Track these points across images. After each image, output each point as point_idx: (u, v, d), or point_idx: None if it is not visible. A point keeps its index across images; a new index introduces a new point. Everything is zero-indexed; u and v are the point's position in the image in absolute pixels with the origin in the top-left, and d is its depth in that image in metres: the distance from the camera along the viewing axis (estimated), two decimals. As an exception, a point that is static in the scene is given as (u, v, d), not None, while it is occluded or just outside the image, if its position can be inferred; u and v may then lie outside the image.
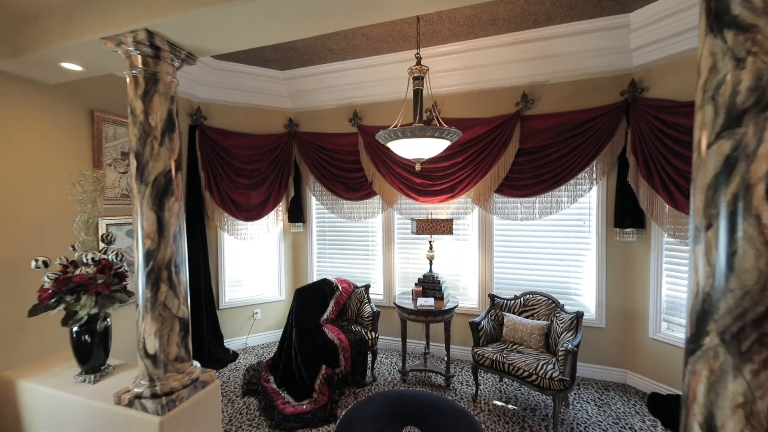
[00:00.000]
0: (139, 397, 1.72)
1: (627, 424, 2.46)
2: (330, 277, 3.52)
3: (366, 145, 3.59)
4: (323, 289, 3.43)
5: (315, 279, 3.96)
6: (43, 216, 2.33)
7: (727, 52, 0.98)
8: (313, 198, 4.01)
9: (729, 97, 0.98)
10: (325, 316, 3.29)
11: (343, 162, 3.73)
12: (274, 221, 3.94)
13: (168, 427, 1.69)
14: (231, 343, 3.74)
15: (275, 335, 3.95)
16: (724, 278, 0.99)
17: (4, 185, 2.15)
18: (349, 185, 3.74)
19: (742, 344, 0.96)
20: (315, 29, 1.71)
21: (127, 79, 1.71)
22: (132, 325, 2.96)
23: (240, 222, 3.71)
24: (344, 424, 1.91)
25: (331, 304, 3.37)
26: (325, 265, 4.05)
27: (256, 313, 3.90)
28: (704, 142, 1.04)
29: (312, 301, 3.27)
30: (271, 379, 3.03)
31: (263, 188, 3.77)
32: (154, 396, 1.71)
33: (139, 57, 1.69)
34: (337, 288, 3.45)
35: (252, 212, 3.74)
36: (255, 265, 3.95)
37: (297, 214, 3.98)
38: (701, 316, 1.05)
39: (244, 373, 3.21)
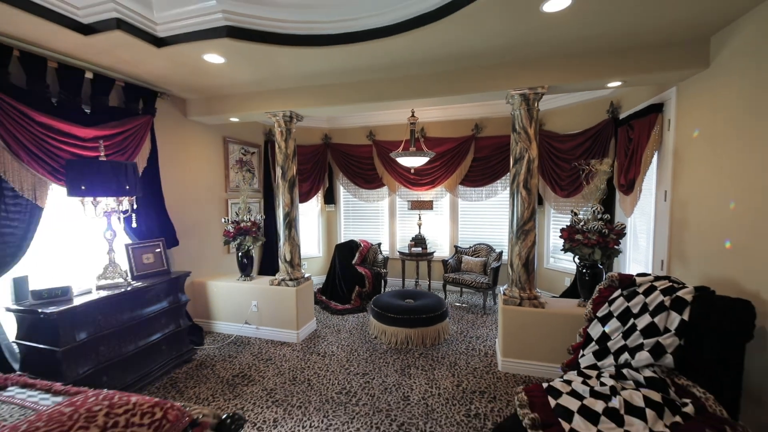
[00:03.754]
0: (284, 280, 3.69)
1: (525, 311, 4.52)
2: (355, 239, 5.50)
3: (378, 153, 5.54)
4: (351, 245, 5.40)
5: (343, 241, 5.92)
6: (206, 198, 4.24)
7: (515, 139, 2.97)
8: (342, 188, 5.96)
9: (515, 155, 2.98)
10: (353, 261, 5.27)
11: (362, 164, 5.66)
12: (315, 204, 5.88)
13: (298, 294, 3.66)
14: (289, 283, 5.69)
15: (317, 279, 5.93)
16: (516, 212, 3.01)
17: (191, 183, 4.03)
18: (366, 179, 5.69)
19: (519, 234, 2.98)
20: (361, 111, 3.65)
21: (277, 131, 3.64)
22: (256, 258, 4.86)
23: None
24: (376, 297, 3.91)
25: (357, 254, 5.35)
26: (349, 232, 6.03)
27: (304, 264, 5.86)
28: (512, 164, 3.04)
29: (345, 251, 5.25)
30: (324, 297, 5.02)
31: (309, 181, 5.69)
32: (290, 280, 3.69)
33: (283, 121, 3.61)
34: (360, 245, 5.43)
35: (302, 197, 5.67)
36: (304, 233, 5.90)
37: (330, 198, 5.93)
38: (511, 228, 3.07)
39: (304, 296, 5.17)
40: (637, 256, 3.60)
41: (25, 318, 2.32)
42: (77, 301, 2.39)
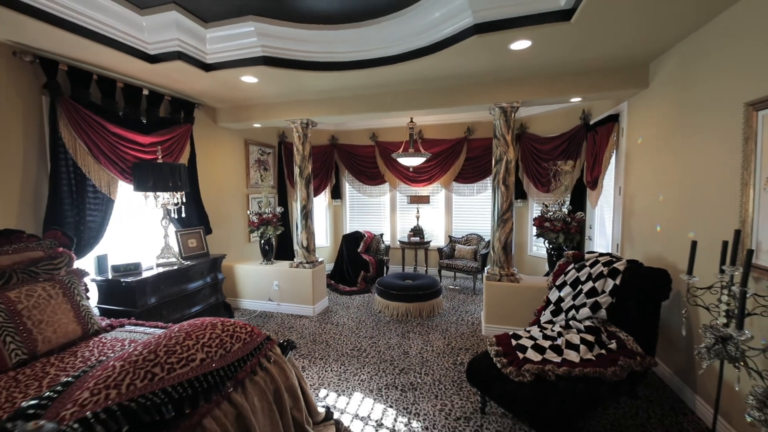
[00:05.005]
0: (301, 263, 4.33)
1: (510, 292, 5.17)
2: (359, 230, 6.13)
3: (380, 153, 6.15)
4: (356, 236, 6.04)
5: (349, 232, 6.55)
6: (231, 193, 4.85)
7: (496, 144, 3.60)
8: (347, 184, 6.58)
9: (496, 156, 3.61)
10: (358, 250, 5.91)
11: (365, 163, 6.28)
12: (323, 198, 6.51)
13: (314, 275, 4.29)
14: (300, 270, 6.32)
15: (326, 266, 6.55)
16: (497, 204, 3.64)
17: (220, 180, 4.65)
18: (369, 176, 6.30)
19: (499, 222, 3.62)
20: (368, 119, 4.26)
21: (295, 136, 4.25)
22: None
23: (305, 198, 6.25)
24: (380, 279, 4.54)
25: (362, 243, 5.99)
26: (354, 224, 6.67)
27: (314, 253, 6.49)
28: (493, 165, 3.68)
29: (351, 241, 5.88)
30: (333, 281, 5.66)
31: (318, 178, 6.30)
32: (307, 263, 4.32)
33: (300, 127, 4.23)
34: (364, 235, 6.06)
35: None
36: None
37: (337, 194, 6.55)
38: (493, 217, 3.70)
39: (315, 281, 5.81)
40: (602, 242, 4.24)
41: (105, 286, 2.95)
42: (146, 274, 3.02)
